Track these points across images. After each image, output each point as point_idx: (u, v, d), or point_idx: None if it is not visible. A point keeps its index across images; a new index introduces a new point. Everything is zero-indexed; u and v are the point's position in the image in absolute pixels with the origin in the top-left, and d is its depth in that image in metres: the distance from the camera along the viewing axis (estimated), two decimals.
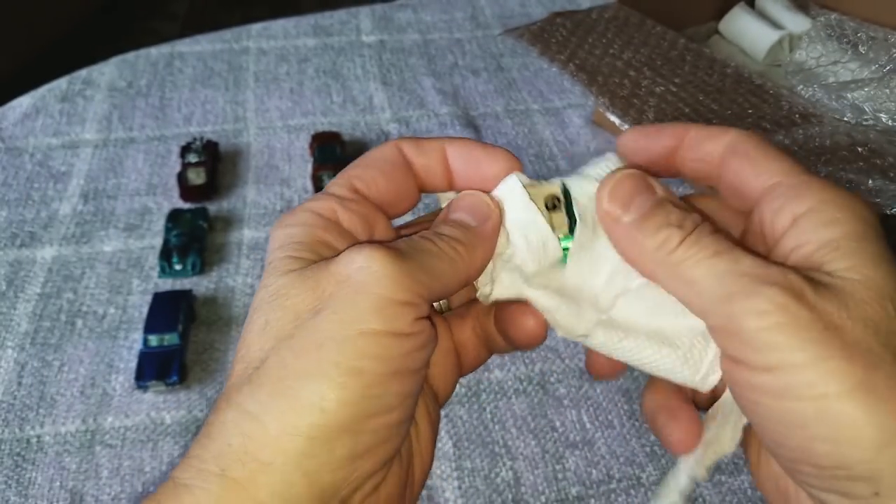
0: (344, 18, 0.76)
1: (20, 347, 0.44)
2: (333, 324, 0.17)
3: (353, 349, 0.17)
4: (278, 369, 0.17)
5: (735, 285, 0.17)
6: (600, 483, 0.39)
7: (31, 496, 0.38)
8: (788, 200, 0.19)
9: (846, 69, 0.64)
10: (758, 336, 0.16)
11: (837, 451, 0.16)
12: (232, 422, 0.17)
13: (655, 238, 0.19)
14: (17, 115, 0.63)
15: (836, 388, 0.16)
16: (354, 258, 0.18)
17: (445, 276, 0.20)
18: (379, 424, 0.18)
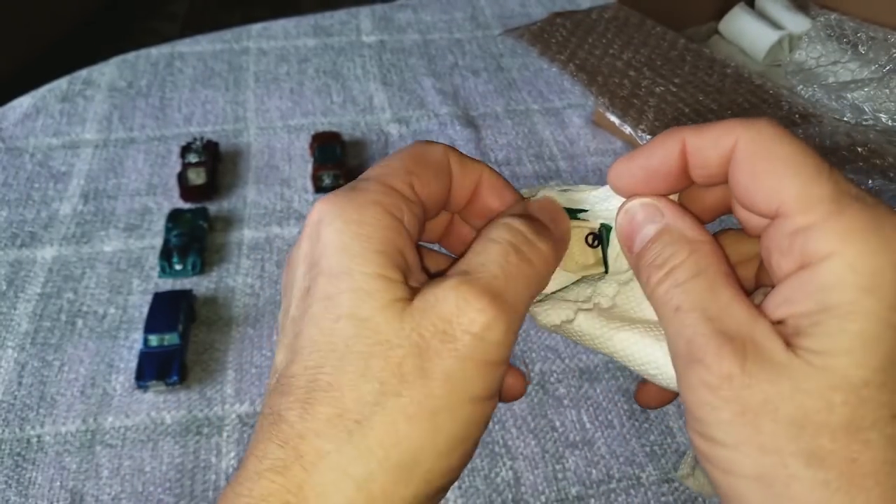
0: (344, 18, 0.76)
1: (20, 347, 0.44)
2: (445, 392, 0.17)
3: (463, 418, 0.17)
4: (389, 435, 0.16)
5: (682, 349, 0.17)
6: (600, 483, 0.39)
7: (32, 496, 0.38)
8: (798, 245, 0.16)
9: (846, 69, 0.64)
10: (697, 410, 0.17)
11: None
12: (333, 486, 0.16)
13: (646, 272, 0.19)
14: (18, 115, 0.63)
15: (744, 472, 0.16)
16: (461, 316, 0.17)
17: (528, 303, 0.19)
18: (463, 464, 0.18)
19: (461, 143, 0.61)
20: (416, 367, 0.17)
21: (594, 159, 0.59)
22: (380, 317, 0.17)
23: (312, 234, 0.18)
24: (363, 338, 0.17)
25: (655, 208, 0.20)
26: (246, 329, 0.46)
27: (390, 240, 0.18)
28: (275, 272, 0.50)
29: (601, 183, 0.22)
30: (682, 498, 0.38)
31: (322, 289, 0.18)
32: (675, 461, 0.40)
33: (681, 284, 0.18)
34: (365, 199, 0.18)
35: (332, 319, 0.17)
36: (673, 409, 0.42)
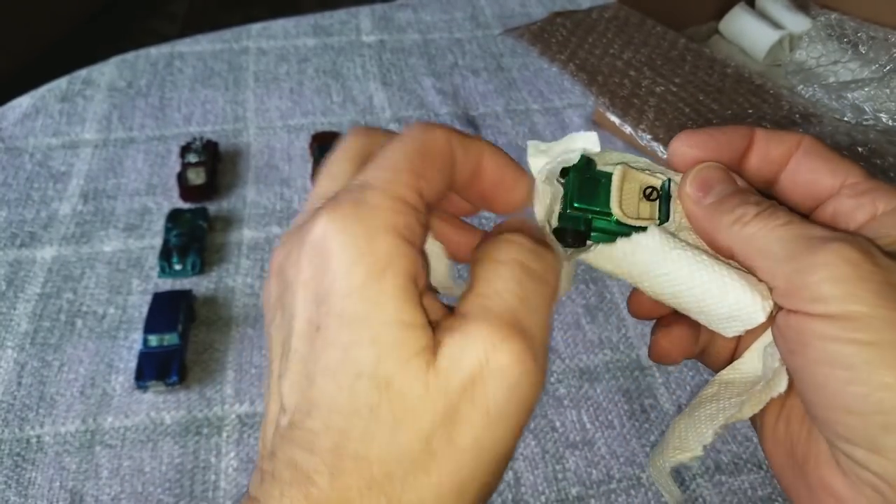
0: (344, 18, 0.76)
1: (20, 347, 0.44)
2: (474, 459, 0.16)
3: (490, 479, 0.17)
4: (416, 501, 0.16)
5: (803, 245, 0.18)
6: (600, 483, 0.39)
7: (31, 496, 0.38)
8: (869, 199, 0.19)
9: (846, 69, 0.64)
10: (820, 287, 0.17)
11: (875, 395, 0.16)
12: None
13: (732, 214, 0.20)
14: (17, 115, 0.62)
15: (888, 337, 0.16)
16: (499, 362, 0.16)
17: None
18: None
19: None
20: (445, 439, 0.16)
21: None
22: (403, 378, 0.16)
23: (314, 257, 0.17)
24: (387, 403, 0.16)
25: (729, 174, 0.21)
26: (246, 329, 0.46)
27: (408, 273, 0.17)
28: None
29: None
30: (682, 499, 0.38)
31: (335, 335, 0.16)
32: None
33: (781, 210, 0.19)
34: (376, 223, 0.16)
35: (353, 377, 0.16)
36: (673, 410, 0.42)
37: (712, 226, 0.20)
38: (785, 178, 0.21)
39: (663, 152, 0.53)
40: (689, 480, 0.39)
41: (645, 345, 0.45)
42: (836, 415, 0.17)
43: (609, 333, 0.46)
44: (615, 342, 0.45)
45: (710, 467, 0.39)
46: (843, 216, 0.20)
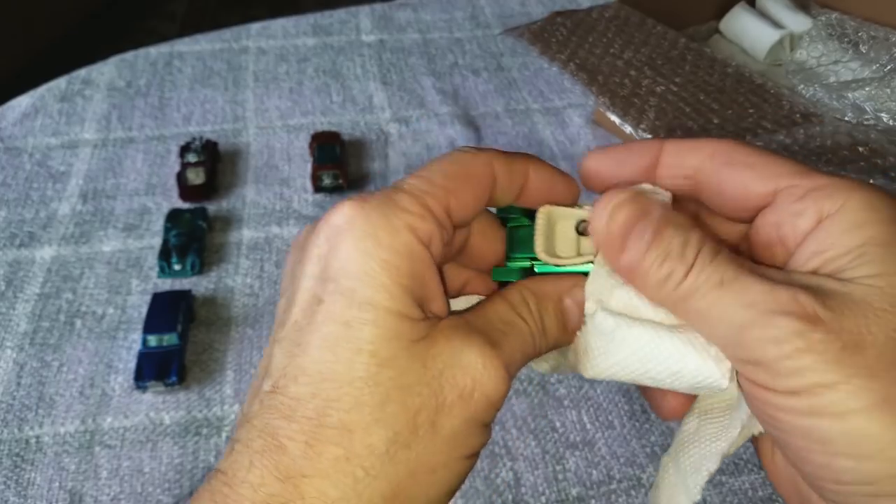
0: (343, 18, 0.76)
1: (19, 348, 0.44)
2: (448, 447, 0.17)
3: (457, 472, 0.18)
4: (392, 487, 0.16)
5: (745, 317, 0.17)
6: (601, 484, 0.39)
7: (31, 497, 0.38)
8: (811, 202, 0.18)
9: (847, 69, 0.63)
10: (779, 364, 0.16)
11: (861, 467, 0.16)
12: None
13: (659, 273, 0.18)
14: (17, 114, 0.62)
15: (859, 405, 0.15)
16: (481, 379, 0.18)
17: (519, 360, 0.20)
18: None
19: (461, 142, 0.60)
20: (429, 421, 0.17)
21: None
22: (403, 358, 0.17)
23: (332, 236, 0.18)
24: (385, 378, 0.16)
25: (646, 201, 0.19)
26: (245, 329, 0.46)
27: (418, 273, 0.17)
28: (274, 272, 0.49)
29: None
30: None
31: (339, 311, 0.17)
32: None
33: (712, 262, 0.18)
34: (398, 222, 0.17)
35: (353, 351, 0.17)
36: None
37: (642, 286, 0.19)
38: (709, 190, 0.20)
39: None
40: None
41: None
42: (825, 483, 0.17)
43: None
44: None
45: None
46: (787, 226, 0.18)
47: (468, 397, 0.17)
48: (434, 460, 0.17)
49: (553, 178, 0.21)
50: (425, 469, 0.17)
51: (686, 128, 0.54)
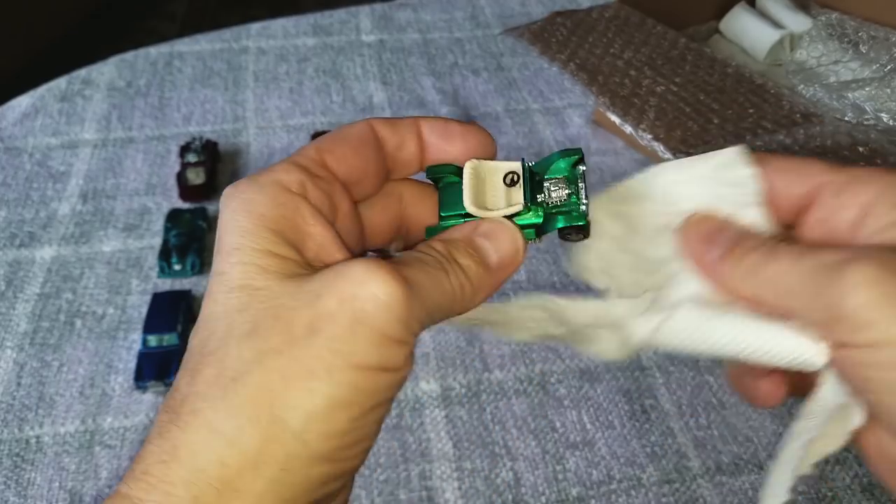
0: (343, 18, 0.76)
1: (19, 348, 0.44)
2: (329, 353, 0.16)
3: (345, 382, 0.16)
4: (263, 392, 0.16)
5: (824, 275, 0.17)
6: (601, 484, 0.39)
7: (31, 496, 0.38)
8: (850, 194, 0.19)
9: (847, 69, 0.63)
10: (857, 314, 0.16)
11: None
12: (204, 443, 0.16)
13: (742, 263, 0.19)
14: (17, 114, 0.62)
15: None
16: (365, 283, 0.17)
17: (441, 313, 0.19)
18: (355, 452, 0.18)
19: None
20: (307, 328, 0.17)
21: (595, 159, 0.59)
22: (276, 286, 0.17)
23: (219, 215, 0.19)
24: (257, 302, 0.17)
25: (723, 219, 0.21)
26: None
27: (286, 217, 0.18)
28: None
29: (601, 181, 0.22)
30: (682, 499, 0.38)
31: (217, 266, 0.18)
32: (675, 462, 0.40)
33: (788, 244, 0.19)
34: (265, 179, 0.19)
35: (226, 291, 0.17)
36: (674, 410, 0.42)
37: (730, 281, 0.20)
38: None
39: (663, 152, 0.53)
40: (690, 481, 0.39)
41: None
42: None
43: None
44: None
45: (711, 468, 0.39)
46: (833, 221, 0.19)
47: (350, 300, 0.17)
48: (311, 364, 0.16)
49: (454, 129, 0.21)
50: (301, 374, 0.16)
51: (686, 128, 0.54)
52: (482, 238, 0.20)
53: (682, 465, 0.39)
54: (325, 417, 0.16)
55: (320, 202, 0.19)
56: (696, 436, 0.41)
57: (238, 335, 0.17)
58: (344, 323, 0.17)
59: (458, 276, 0.19)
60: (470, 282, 0.19)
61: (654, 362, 0.44)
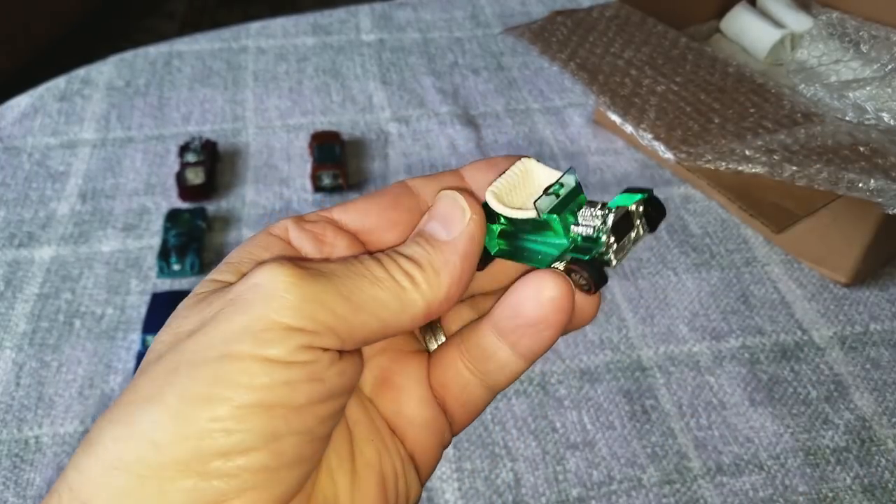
0: (343, 17, 0.76)
1: (18, 348, 0.44)
2: (198, 345, 0.15)
3: (207, 373, 0.15)
4: (127, 394, 0.15)
5: None
6: (601, 484, 0.39)
7: (30, 497, 0.37)
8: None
9: (848, 68, 0.63)
10: None
11: None
12: (77, 452, 0.15)
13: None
14: (16, 114, 0.62)
15: None
16: (255, 274, 0.16)
17: (386, 310, 0.16)
18: (236, 467, 0.15)
19: (461, 142, 0.60)
20: (189, 332, 0.16)
21: (595, 158, 0.59)
22: (184, 303, 0.17)
23: None
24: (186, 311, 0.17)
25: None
26: None
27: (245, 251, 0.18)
28: None
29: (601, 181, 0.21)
30: (683, 500, 0.38)
31: None
32: (676, 462, 0.40)
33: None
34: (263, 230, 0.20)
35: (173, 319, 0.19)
36: (674, 411, 0.42)
37: None
38: None
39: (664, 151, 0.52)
40: (691, 481, 0.39)
41: (646, 345, 0.45)
42: None
43: (610, 334, 0.46)
44: (616, 343, 0.45)
45: (712, 468, 0.39)
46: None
47: (235, 299, 0.16)
48: (178, 358, 0.15)
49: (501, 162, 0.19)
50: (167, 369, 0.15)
51: (687, 127, 0.54)
52: (426, 221, 0.18)
53: (682, 465, 0.39)
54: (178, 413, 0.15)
55: (302, 242, 0.18)
56: (696, 436, 0.41)
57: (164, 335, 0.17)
58: (223, 316, 0.15)
59: (398, 264, 0.17)
60: (417, 265, 0.17)
61: (654, 363, 0.44)
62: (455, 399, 0.20)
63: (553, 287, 0.17)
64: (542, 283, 0.17)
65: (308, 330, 0.15)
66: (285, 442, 0.15)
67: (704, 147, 0.52)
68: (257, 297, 0.15)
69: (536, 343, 0.18)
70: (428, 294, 0.17)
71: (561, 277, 0.17)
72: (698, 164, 0.51)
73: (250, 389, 0.15)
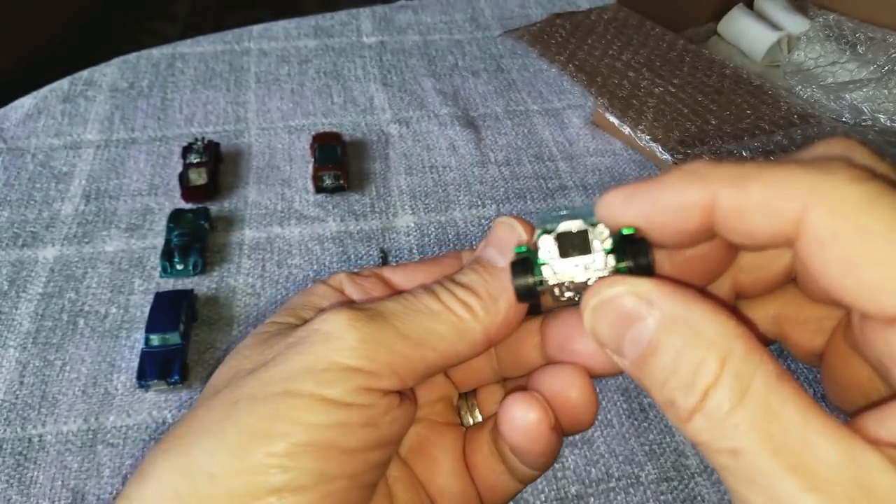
0: (344, 20, 0.77)
1: (22, 347, 0.45)
2: (259, 381, 0.15)
3: (268, 408, 0.15)
4: (182, 426, 0.16)
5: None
6: (599, 482, 0.39)
7: (33, 495, 0.38)
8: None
9: (844, 70, 0.64)
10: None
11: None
12: (129, 482, 0.16)
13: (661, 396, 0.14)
14: (20, 115, 0.63)
15: None
16: (317, 320, 0.16)
17: (444, 342, 0.16)
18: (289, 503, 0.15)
19: (461, 143, 0.61)
20: (250, 369, 0.16)
21: (593, 160, 0.59)
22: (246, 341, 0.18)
23: None
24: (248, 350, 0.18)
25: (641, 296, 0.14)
26: (247, 329, 0.46)
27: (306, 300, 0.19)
28: (275, 272, 0.50)
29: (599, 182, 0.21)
30: (681, 497, 0.38)
31: None
32: (674, 460, 0.40)
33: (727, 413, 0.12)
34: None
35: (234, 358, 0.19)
36: None
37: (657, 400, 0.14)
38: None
39: (662, 152, 0.53)
40: (688, 479, 0.39)
41: None
42: None
43: None
44: None
45: (709, 466, 0.40)
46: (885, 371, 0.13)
47: (299, 341, 0.16)
48: (239, 392, 0.15)
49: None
50: (227, 402, 0.16)
51: (684, 128, 0.54)
52: (481, 249, 0.18)
53: (680, 463, 0.40)
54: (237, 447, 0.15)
55: (353, 292, 0.19)
56: None
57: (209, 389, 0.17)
58: (285, 356, 0.16)
59: (454, 293, 0.17)
60: (474, 294, 0.17)
61: None
62: (484, 481, 0.20)
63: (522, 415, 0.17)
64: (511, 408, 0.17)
65: (366, 370, 0.15)
66: (335, 484, 0.15)
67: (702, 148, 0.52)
68: (319, 339, 0.16)
69: (529, 461, 0.18)
70: (486, 321, 0.17)
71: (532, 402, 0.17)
72: None
73: (308, 428, 0.15)
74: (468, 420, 0.21)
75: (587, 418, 0.18)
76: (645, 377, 0.14)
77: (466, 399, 0.21)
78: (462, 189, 0.56)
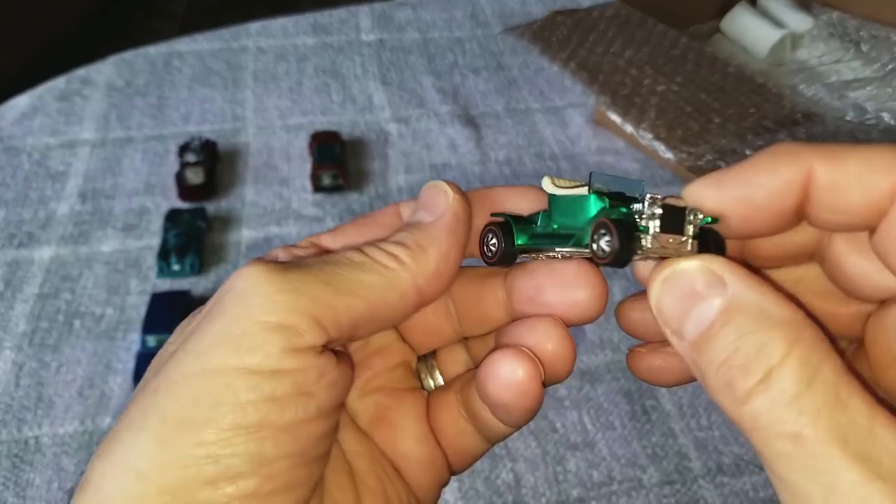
0: (343, 17, 0.76)
1: (18, 348, 0.44)
2: (177, 362, 0.14)
3: (187, 392, 0.14)
4: (117, 423, 0.15)
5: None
6: (601, 485, 0.38)
7: (29, 497, 0.37)
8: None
9: (848, 68, 0.63)
10: None
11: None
12: (75, 493, 0.15)
13: (717, 376, 0.13)
14: (15, 114, 0.62)
15: None
16: (229, 280, 0.15)
17: (371, 290, 0.15)
18: (224, 495, 0.14)
19: (461, 142, 0.60)
20: (173, 352, 0.15)
21: (595, 158, 0.59)
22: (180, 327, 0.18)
23: None
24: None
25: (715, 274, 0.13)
26: None
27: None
28: None
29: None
30: (683, 500, 0.38)
31: None
32: (676, 463, 0.40)
33: (792, 397, 0.12)
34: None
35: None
36: (675, 411, 0.42)
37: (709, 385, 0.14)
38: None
39: (664, 150, 0.52)
40: (691, 482, 0.39)
41: None
42: None
43: (610, 334, 0.46)
44: (616, 343, 0.45)
45: (712, 469, 0.39)
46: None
47: (213, 306, 0.15)
48: (159, 379, 0.15)
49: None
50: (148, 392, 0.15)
51: (687, 127, 0.54)
52: (417, 211, 0.18)
53: (682, 465, 0.39)
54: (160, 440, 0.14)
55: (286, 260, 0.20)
56: (696, 437, 0.41)
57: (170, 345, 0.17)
58: (202, 327, 0.15)
59: (381, 247, 0.16)
60: (402, 245, 0.16)
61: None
62: (451, 444, 0.19)
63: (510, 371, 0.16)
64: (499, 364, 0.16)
65: (288, 325, 0.14)
66: (276, 465, 0.14)
67: (705, 147, 0.52)
68: (231, 299, 0.15)
69: (511, 419, 0.17)
70: (415, 269, 0.16)
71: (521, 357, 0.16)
72: (698, 163, 0.51)
73: (234, 408, 0.14)
74: (429, 383, 0.20)
75: (565, 369, 0.18)
76: (702, 357, 0.13)
77: (426, 361, 0.21)
78: (462, 188, 0.56)
